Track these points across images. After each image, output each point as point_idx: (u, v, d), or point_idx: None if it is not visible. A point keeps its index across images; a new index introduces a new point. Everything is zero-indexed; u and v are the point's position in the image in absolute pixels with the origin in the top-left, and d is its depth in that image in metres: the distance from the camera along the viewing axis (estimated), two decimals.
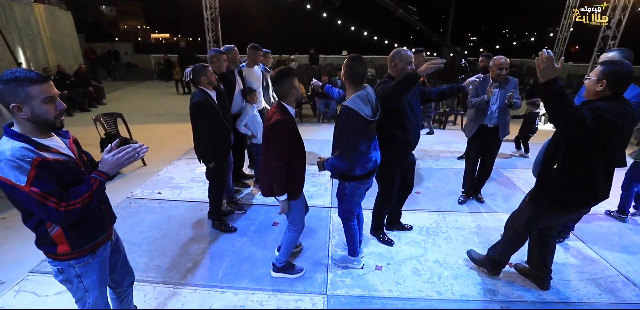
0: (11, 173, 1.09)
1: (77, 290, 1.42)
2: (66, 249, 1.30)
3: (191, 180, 3.90)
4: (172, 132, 5.87)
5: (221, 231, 2.87)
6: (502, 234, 2.34)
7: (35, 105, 1.15)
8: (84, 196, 1.20)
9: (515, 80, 3.04)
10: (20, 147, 1.13)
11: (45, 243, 1.30)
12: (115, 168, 1.30)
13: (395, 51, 2.28)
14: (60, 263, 1.34)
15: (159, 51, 15.05)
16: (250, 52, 3.57)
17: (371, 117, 1.89)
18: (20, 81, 1.12)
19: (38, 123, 1.19)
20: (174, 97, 9.61)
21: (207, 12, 8.35)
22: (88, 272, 1.40)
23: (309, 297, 2.15)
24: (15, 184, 1.10)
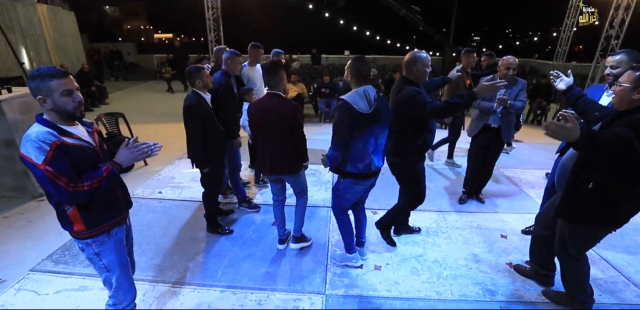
0: (32, 152, 1.25)
1: (100, 270, 1.57)
2: (81, 228, 1.44)
3: (192, 179, 3.91)
4: (173, 132, 5.89)
5: (218, 234, 2.82)
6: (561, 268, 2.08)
7: (55, 97, 1.31)
8: (93, 181, 1.33)
9: (523, 82, 2.98)
10: (45, 131, 1.30)
11: (64, 222, 1.44)
12: (128, 161, 1.43)
13: (413, 56, 2.20)
14: (80, 241, 1.49)
15: (162, 51, 15.12)
16: (251, 51, 3.59)
17: (366, 111, 1.94)
18: (43, 76, 1.29)
19: (60, 113, 1.35)
20: (176, 97, 9.64)
21: (209, 12, 8.36)
22: (105, 251, 1.53)
23: (308, 297, 2.15)
24: (34, 162, 1.25)
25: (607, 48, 8.06)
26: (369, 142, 2.04)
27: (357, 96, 1.95)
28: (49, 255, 2.51)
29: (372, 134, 2.03)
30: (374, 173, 2.15)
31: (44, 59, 8.19)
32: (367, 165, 2.09)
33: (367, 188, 2.26)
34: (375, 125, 2.02)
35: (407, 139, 2.30)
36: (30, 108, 3.42)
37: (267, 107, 2.17)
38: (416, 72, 2.21)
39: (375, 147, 2.09)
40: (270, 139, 2.27)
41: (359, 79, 2.01)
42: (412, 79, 2.22)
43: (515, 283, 2.31)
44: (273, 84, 2.18)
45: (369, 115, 1.95)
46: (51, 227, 2.92)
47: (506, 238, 2.85)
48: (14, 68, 6.77)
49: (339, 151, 2.03)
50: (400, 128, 2.26)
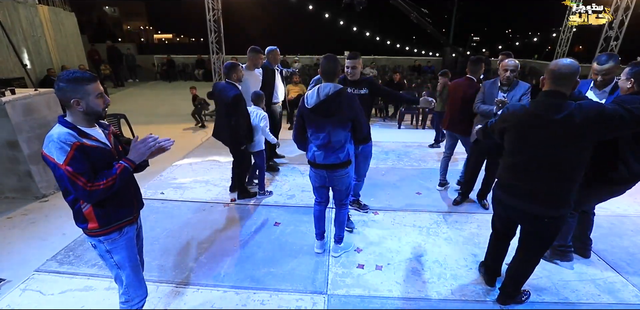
0: (55, 152, 1.32)
1: (111, 266, 1.62)
2: (95, 226, 1.49)
3: (194, 180, 3.93)
4: (175, 133, 5.92)
5: (246, 197, 3.46)
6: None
7: (90, 99, 1.40)
8: (108, 179, 1.39)
9: (527, 85, 2.86)
10: (66, 132, 1.36)
11: (79, 219, 1.50)
12: (139, 157, 1.48)
13: (576, 66, 1.64)
14: (92, 238, 1.54)
15: (162, 52, 15.14)
16: (251, 55, 3.61)
17: (309, 105, 2.11)
18: (80, 80, 1.37)
19: (90, 114, 1.43)
20: (178, 98, 9.67)
21: (210, 14, 8.38)
22: (116, 248, 1.58)
23: (310, 297, 2.18)
24: (56, 162, 1.32)
25: (606, 49, 8.09)
26: (314, 134, 2.19)
27: (313, 92, 2.13)
28: (54, 256, 2.54)
29: (318, 127, 2.15)
30: (317, 165, 2.27)
31: (45, 59, 8.21)
32: (312, 155, 2.26)
33: (322, 178, 2.35)
34: (322, 119, 2.12)
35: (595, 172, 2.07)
36: (33, 110, 3.44)
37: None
38: (576, 84, 1.74)
39: (321, 142, 2.18)
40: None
41: (323, 76, 2.16)
42: (566, 91, 1.64)
43: None
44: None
45: (312, 109, 2.11)
46: (55, 227, 2.94)
47: None
48: (16, 69, 6.79)
49: (293, 137, 2.34)
50: (578, 161, 1.65)
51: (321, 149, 2.21)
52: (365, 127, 2.31)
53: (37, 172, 3.45)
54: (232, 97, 2.94)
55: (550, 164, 1.66)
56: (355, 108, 2.14)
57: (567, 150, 1.61)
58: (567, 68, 1.58)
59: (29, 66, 7.54)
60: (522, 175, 1.76)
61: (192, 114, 6.55)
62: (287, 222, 3.05)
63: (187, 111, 7.67)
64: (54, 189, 3.62)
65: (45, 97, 3.60)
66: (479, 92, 3.03)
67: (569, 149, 1.61)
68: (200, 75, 13.15)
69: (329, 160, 2.23)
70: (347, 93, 2.14)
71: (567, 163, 1.63)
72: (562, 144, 1.61)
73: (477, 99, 3.03)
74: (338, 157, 2.23)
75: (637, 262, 2.56)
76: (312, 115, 2.13)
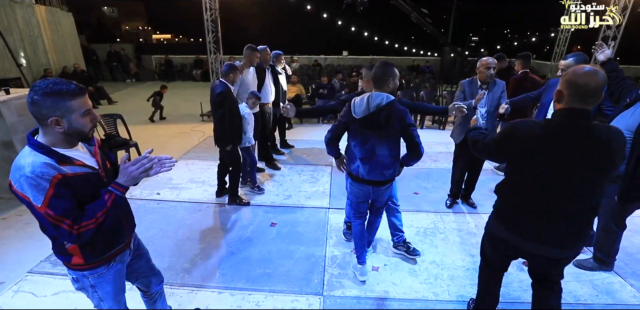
0: (29, 191, 1.06)
1: (92, 298, 1.43)
2: (79, 261, 1.28)
3: (190, 180, 3.91)
4: (172, 133, 5.90)
5: (237, 204, 3.34)
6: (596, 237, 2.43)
7: (74, 118, 1.12)
8: (97, 215, 1.15)
9: (502, 83, 2.91)
10: (41, 163, 1.08)
11: (61, 253, 1.29)
12: (131, 180, 1.22)
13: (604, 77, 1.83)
14: (75, 272, 1.33)
15: (160, 52, 15.12)
16: (247, 52, 3.60)
17: (357, 116, 1.93)
18: (62, 94, 1.08)
19: (72, 135, 1.16)
20: (176, 98, 9.65)
21: (207, 13, 8.35)
22: (102, 283, 1.37)
23: (305, 298, 2.16)
24: (32, 203, 1.07)
25: None
26: (358, 146, 2.02)
27: (361, 100, 1.94)
28: (47, 257, 2.51)
29: (364, 139, 1.98)
30: (361, 179, 2.09)
31: (42, 60, 8.19)
32: (355, 168, 2.09)
33: (366, 194, 2.17)
34: (369, 132, 1.95)
35: None
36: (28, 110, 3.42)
37: None
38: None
39: (366, 155, 2.00)
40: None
41: (375, 84, 1.95)
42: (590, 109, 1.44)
43: (511, 284, 2.31)
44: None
45: (359, 120, 1.94)
46: None
47: None
48: (12, 69, 6.76)
49: (326, 138, 2.16)
50: (605, 190, 1.42)
51: (365, 163, 2.03)
52: (421, 143, 2.00)
53: None
54: (217, 94, 2.93)
55: (579, 198, 1.34)
56: (407, 124, 1.93)
57: (600, 180, 1.32)
58: (596, 82, 1.24)
59: (26, 66, 7.51)
60: (540, 213, 1.39)
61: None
62: (284, 223, 3.03)
63: (185, 111, 7.65)
64: None
65: None
66: (458, 91, 3.02)
67: (602, 179, 1.33)
68: (198, 75, 13.14)
69: (373, 176, 2.06)
70: (398, 106, 1.94)
71: (598, 194, 1.35)
72: (594, 173, 1.30)
73: (456, 98, 3.00)
74: (383, 174, 2.05)
75: (635, 263, 2.55)
76: (358, 126, 1.97)
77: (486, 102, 2.88)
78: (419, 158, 2.04)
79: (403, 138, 1.99)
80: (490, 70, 2.81)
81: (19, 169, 1.08)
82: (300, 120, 6.95)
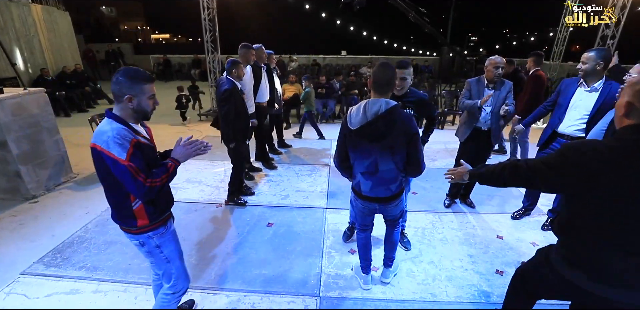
0: (115, 148, 1.31)
1: (160, 262, 1.62)
2: (145, 222, 1.50)
3: (187, 180, 3.88)
4: (170, 133, 5.86)
5: (234, 204, 3.32)
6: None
7: (142, 99, 1.41)
8: (162, 176, 1.42)
9: (510, 83, 2.89)
10: (122, 128, 1.37)
11: (126, 217, 1.49)
12: (184, 157, 1.51)
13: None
14: (139, 236, 1.54)
15: (159, 52, 15.08)
16: (242, 51, 3.57)
17: (353, 126, 1.69)
18: (139, 79, 1.39)
19: (138, 113, 1.44)
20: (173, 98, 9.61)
21: (205, 13, 8.31)
22: (165, 242, 1.60)
23: (302, 299, 2.13)
24: (117, 158, 1.31)
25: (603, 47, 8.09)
26: (358, 160, 1.81)
27: (357, 109, 1.70)
28: (40, 258, 2.48)
29: (365, 152, 1.76)
30: (364, 196, 1.90)
31: (38, 59, 8.12)
32: (357, 184, 1.91)
33: (371, 210, 1.99)
34: (368, 144, 1.73)
35: None
36: (23, 109, 3.38)
37: None
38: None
39: (368, 170, 1.80)
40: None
41: (375, 89, 1.71)
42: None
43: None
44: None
45: (356, 131, 1.69)
46: (44, 228, 2.89)
47: (502, 239, 2.83)
48: (9, 69, 6.71)
49: (336, 163, 1.97)
50: None
51: (368, 178, 1.83)
52: (423, 159, 1.83)
53: (27, 173, 3.39)
54: (222, 91, 2.93)
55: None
56: (411, 131, 1.70)
57: None
58: None
59: (21, 66, 7.46)
60: (631, 254, 1.12)
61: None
62: (281, 223, 3.01)
63: None
64: (43, 189, 3.56)
65: (35, 96, 3.54)
66: (464, 90, 3.00)
67: None
68: (196, 75, 13.08)
69: (377, 192, 1.86)
70: (401, 111, 1.70)
71: None
72: None
73: (462, 96, 2.99)
74: (389, 189, 1.86)
75: None
76: (356, 138, 1.73)
77: (492, 102, 2.85)
78: (420, 173, 1.86)
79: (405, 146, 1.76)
80: (499, 69, 2.77)
81: (104, 133, 1.34)
82: (298, 119, 6.92)
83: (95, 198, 3.40)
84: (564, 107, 2.61)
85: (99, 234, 2.81)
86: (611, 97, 2.33)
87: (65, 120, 6.78)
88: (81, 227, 2.91)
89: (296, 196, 3.54)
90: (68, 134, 5.47)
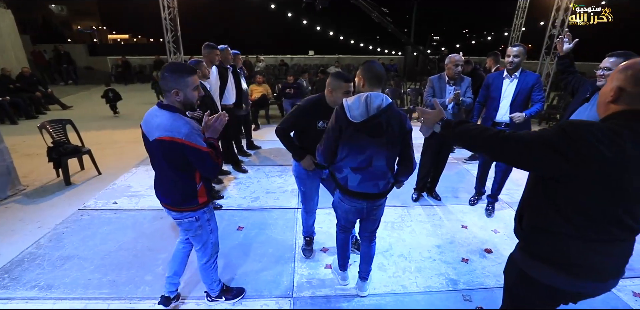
0: (197, 140, 1.52)
1: (203, 234, 1.81)
2: (205, 200, 1.73)
3: (150, 187, 3.67)
4: (130, 137, 5.57)
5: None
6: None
7: (188, 91, 1.56)
8: (219, 155, 1.65)
9: (468, 79, 3.11)
10: (190, 120, 1.55)
11: (191, 198, 1.68)
12: (215, 133, 1.68)
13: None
14: (196, 213, 1.73)
15: (117, 53, 14.30)
16: (205, 51, 3.47)
17: (357, 120, 1.62)
18: (183, 72, 1.52)
19: (185, 105, 1.60)
20: (134, 101, 9.16)
21: (165, 12, 7.99)
22: (212, 216, 1.85)
23: (275, 301, 2.10)
24: (200, 147, 1.52)
25: (550, 46, 8.71)
26: (353, 154, 1.72)
27: (357, 101, 1.63)
28: None
29: (361, 147, 1.69)
30: (352, 192, 1.81)
31: None
32: (343, 178, 1.80)
33: (358, 211, 1.90)
34: (367, 139, 1.66)
35: None
36: None
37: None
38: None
39: (360, 165, 1.73)
40: None
41: (373, 82, 1.68)
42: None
43: (475, 271, 2.41)
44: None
45: (359, 124, 1.62)
46: None
47: (467, 228, 2.97)
48: None
49: (321, 157, 1.83)
50: None
51: (357, 173, 1.75)
52: (414, 156, 1.82)
53: None
54: None
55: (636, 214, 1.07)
56: (406, 128, 1.70)
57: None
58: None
59: None
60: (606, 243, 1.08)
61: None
62: (251, 226, 2.95)
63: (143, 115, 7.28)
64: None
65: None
66: (427, 87, 3.14)
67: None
68: (158, 76, 12.55)
69: (365, 187, 1.78)
70: (397, 109, 1.70)
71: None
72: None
73: (426, 94, 3.14)
74: (377, 185, 1.79)
75: None
76: (355, 132, 1.65)
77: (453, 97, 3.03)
78: (412, 172, 1.85)
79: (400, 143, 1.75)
80: (459, 67, 2.98)
81: (179, 128, 1.49)
82: (267, 120, 6.85)
83: (48, 211, 3.16)
84: (497, 100, 2.93)
85: (54, 249, 2.61)
86: (526, 83, 2.81)
87: (11, 128, 6.24)
88: (32, 243, 2.68)
89: (267, 198, 3.49)
90: (15, 142, 5.04)
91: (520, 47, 2.83)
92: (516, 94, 2.83)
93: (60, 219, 3.01)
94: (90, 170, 4.13)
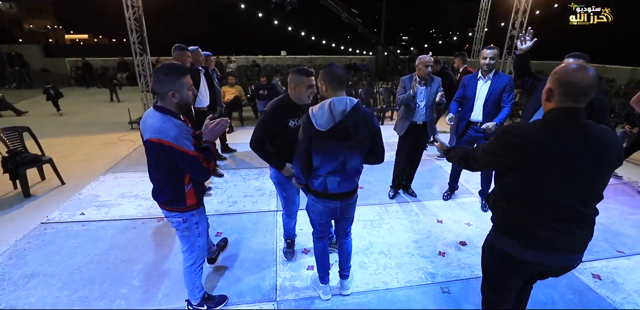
0: (184, 143, 1.50)
1: (191, 236, 1.83)
2: (193, 202, 1.74)
3: (120, 196, 3.53)
4: (96, 144, 5.27)
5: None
6: None
7: (184, 92, 1.56)
8: (212, 160, 1.65)
9: (438, 79, 3.20)
10: (181, 123, 1.55)
11: (179, 199, 1.69)
12: (215, 137, 1.70)
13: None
14: (184, 214, 1.74)
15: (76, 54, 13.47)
16: (176, 53, 3.37)
17: (323, 128, 1.63)
18: (178, 73, 1.53)
19: (181, 105, 1.60)
20: (97, 105, 8.68)
21: (129, 11, 7.61)
22: (201, 220, 1.85)
23: (258, 306, 2.09)
24: (187, 151, 1.51)
25: (512, 46, 9.22)
26: (325, 161, 1.73)
27: (321, 109, 1.63)
28: None
29: (334, 152, 1.70)
30: (331, 194, 1.83)
31: None
32: (320, 184, 1.81)
33: (332, 211, 1.91)
34: (337, 145, 1.68)
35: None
36: None
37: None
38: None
39: (336, 168, 1.75)
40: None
41: (335, 85, 1.68)
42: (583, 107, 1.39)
43: (451, 264, 2.51)
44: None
45: (326, 132, 1.63)
46: None
47: (442, 222, 3.09)
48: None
49: (297, 168, 1.83)
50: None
51: (335, 175, 1.78)
52: (384, 150, 1.89)
53: None
54: None
55: (587, 198, 1.28)
56: (375, 127, 1.74)
57: (604, 177, 1.28)
58: (589, 79, 1.18)
59: None
60: (556, 220, 1.28)
61: None
62: (230, 231, 2.90)
63: (109, 120, 6.93)
64: None
65: None
66: (399, 87, 3.24)
67: (605, 176, 1.28)
68: (123, 79, 11.96)
69: (344, 187, 1.82)
70: (363, 109, 1.70)
71: (600, 191, 1.29)
72: (597, 168, 1.23)
73: (398, 93, 3.24)
74: (354, 182, 1.87)
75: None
76: (324, 139, 1.66)
77: (425, 96, 3.16)
78: (382, 162, 1.92)
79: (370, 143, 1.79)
80: (429, 67, 3.06)
81: (168, 129, 1.49)
82: (241, 122, 6.74)
83: (6, 226, 2.93)
84: (472, 100, 3.07)
85: (15, 267, 2.42)
86: (498, 84, 2.93)
87: None
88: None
89: (244, 202, 3.44)
90: None
91: (495, 49, 2.94)
92: (489, 94, 2.95)
93: (21, 234, 2.80)
94: (52, 181, 3.87)
